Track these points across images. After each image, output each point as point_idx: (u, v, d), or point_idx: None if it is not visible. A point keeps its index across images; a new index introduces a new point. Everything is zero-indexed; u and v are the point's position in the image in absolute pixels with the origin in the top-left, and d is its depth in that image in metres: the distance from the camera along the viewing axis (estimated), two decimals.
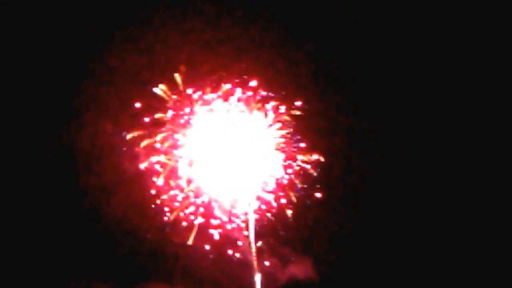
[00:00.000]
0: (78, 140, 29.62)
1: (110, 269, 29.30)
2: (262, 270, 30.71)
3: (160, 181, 29.33)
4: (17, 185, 28.98)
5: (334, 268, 30.75)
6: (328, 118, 30.98)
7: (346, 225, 30.73)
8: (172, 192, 29.53)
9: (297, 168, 30.60)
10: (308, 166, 30.75)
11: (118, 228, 29.29)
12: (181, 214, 29.63)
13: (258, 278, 30.62)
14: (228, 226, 30.18)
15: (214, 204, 30.05)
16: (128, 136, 29.41)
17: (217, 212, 30.01)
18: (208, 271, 30.23)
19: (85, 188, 29.37)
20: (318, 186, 30.82)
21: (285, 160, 30.95)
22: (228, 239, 30.34)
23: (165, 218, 29.55)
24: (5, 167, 29.04)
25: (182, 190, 29.50)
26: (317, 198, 30.80)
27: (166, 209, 29.74)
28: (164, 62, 30.65)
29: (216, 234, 30.08)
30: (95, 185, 29.44)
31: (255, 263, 30.53)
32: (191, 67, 30.66)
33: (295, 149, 30.85)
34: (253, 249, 30.33)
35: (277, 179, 30.76)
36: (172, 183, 29.73)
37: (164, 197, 29.93)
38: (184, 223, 29.68)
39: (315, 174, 30.54)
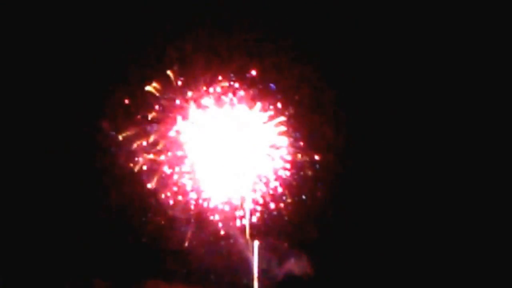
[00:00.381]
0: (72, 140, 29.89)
1: (107, 268, 29.87)
2: (260, 267, 31.10)
3: (152, 182, 29.57)
4: (14, 185, 29.46)
5: (330, 264, 30.95)
6: (325, 115, 30.66)
7: (342, 222, 30.77)
8: (166, 192, 29.80)
9: (293, 167, 30.54)
10: (305, 164, 30.67)
11: (114, 227, 29.79)
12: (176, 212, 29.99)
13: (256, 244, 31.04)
14: (225, 224, 30.52)
15: (210, 203, 30.29)
16: (121, 136, 29.61)
17: (213, 210, 30.32)
18: (206, 267, 30.71)
19: (81, 187, 29.80)
20: (315, 183, 30.79)
21: (282, 158, 30.89)
22: (225, 237, 30.71)
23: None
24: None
25: (174, 192, 29.78)
26: (314, 196, 30.86)
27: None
28: (158, 59, 30.41)
29: (212, 232, 30.46)
30: (91, 185, 29.84)
31: (253, 260, 30.96)
32: (185, 64, 30.46)
33: (292, 147, 30.72)
34: (251, 247, 30.73)
35: (275, 177, 30.81)
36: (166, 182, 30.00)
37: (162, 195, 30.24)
38: (180, 221, 30.07)
39: (310, 173, 30.47)
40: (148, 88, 30.21)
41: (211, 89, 30.43)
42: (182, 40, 30.44)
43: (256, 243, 30.88)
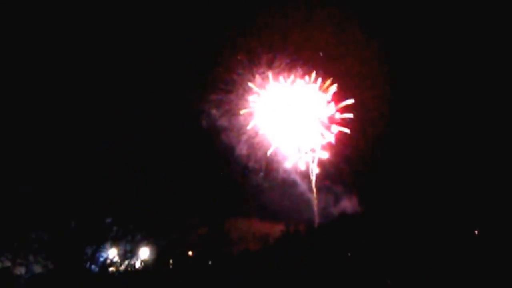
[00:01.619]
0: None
1: (196, 208, 36.92)
2: (319, 206, 38.38)
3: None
4: None
5: (376, 203, 37.78)
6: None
7: (389, 168, 37.66)
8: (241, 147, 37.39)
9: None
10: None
11: (202, 175, 37.08)
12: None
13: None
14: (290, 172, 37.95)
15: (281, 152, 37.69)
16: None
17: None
18: (277, 206, 37.90)
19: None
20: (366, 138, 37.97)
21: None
22: (293, 181, 38.13)
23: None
24: None
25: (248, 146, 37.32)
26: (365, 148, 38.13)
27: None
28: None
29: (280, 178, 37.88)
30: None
31: (315, 200, 38.27)
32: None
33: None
34: (314, 189, 38.07)
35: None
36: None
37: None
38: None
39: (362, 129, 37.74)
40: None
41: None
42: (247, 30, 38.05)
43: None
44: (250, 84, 37.92)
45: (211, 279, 36.61)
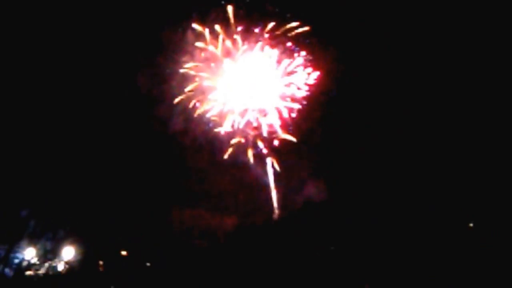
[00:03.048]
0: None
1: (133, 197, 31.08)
2: (280, 192, 31.86)
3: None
4: None
5: (347, 189, 31.40)
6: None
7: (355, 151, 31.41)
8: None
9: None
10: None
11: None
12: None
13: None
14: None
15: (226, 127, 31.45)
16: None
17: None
18: (227, 194, 31.50)
19: None
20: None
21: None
22: (244, 164, 31.65)
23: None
24: None
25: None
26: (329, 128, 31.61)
27: None
28: None
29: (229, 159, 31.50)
30: None
31: (272, 184, 31.78)
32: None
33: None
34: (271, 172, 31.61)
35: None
36: None
37: None
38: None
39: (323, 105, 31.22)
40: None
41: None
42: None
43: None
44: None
45: (149, 284, 30.70)
